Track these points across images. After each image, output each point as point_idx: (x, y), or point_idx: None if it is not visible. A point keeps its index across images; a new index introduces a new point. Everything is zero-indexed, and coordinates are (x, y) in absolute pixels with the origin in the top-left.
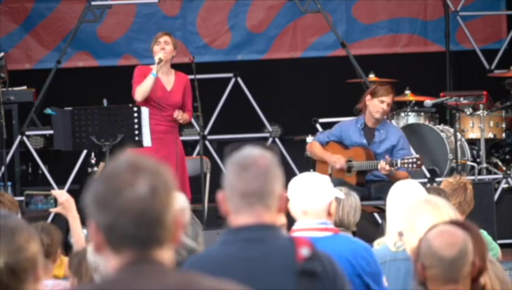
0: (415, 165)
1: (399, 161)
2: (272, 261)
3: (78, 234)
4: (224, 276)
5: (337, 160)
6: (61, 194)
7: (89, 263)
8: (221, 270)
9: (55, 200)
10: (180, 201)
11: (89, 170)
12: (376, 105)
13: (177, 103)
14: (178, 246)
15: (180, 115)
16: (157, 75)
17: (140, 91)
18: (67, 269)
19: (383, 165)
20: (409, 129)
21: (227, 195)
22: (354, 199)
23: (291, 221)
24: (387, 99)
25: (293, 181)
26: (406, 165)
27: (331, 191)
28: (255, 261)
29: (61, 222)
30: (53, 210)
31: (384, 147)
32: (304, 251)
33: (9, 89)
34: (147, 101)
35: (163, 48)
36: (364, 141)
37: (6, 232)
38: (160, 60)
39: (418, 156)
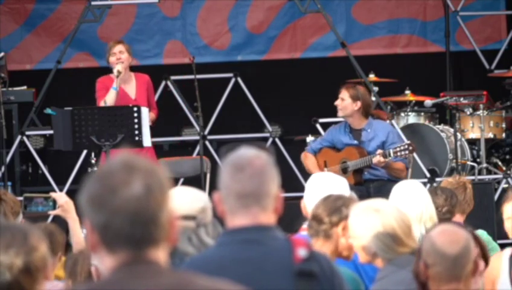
0: (407, 151)
1: (391, 151)
2: (269, 263)
3: (78, 236)
4: (221, 278)
5: None
6: (61, 197)
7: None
8: (218, 272)
9: (54, 202)
10: (203, 200)
11: (89, 170)
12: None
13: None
14: (199, 244)
15: None
16: (118, 89)
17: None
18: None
19: (377, 158)
20: (409, 129)
21: (223, 196)
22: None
23: None
24: (341, 94)
25: (308, 181)
26: (398, 154)
27: (337, 191)
28: (252, 263)
29: (61, 223)
30: (52, 212)
31: (375, 145)
32: (301, 252)
33: (9, 89)
34: None
35: (119, 59)
36: (355, 142)
37: (19, 234)
38: (119, 73)
39: (408, 142)
